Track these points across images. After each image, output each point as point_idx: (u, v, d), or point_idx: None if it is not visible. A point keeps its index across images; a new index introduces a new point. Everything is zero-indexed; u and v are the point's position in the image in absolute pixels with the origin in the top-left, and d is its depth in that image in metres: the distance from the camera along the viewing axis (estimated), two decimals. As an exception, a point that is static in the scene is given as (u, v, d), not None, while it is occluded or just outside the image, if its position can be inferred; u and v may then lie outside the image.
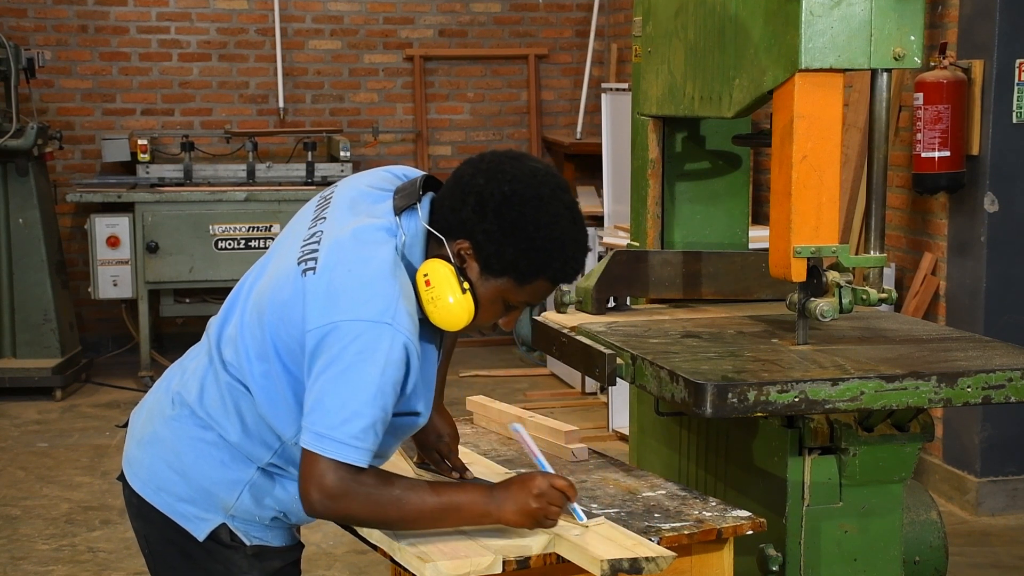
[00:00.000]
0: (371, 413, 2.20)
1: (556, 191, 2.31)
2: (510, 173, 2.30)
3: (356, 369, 2.20)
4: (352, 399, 2.20)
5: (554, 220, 2.29)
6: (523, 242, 2.27)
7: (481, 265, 2.31)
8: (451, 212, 2.32)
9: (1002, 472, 5.37)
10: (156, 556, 2.50)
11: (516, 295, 2.34)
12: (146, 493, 2.44)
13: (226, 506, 2.40)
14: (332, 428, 2.20)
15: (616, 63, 8.75)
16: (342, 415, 2.20)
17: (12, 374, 7.22)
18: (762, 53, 2.81)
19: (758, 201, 6.25)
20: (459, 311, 2.31)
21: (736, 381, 2.56)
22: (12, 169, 7.25)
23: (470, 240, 2.30)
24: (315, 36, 8.53)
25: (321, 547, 4.89)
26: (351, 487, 2.22)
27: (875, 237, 2.87)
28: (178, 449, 2.41)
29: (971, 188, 5.27)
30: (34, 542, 5.03)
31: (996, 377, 2.65)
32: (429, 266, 2.31)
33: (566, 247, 2.30)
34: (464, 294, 2.30)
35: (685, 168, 3.56)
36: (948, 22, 5.41)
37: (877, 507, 2.85)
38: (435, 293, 2.29)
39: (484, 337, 8.75)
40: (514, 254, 2.28)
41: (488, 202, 2.27)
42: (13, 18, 8.14)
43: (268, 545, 2.45)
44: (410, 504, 2.27)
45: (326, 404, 2.21)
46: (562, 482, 2.34)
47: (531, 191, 2.28)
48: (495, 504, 2.31)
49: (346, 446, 2.20)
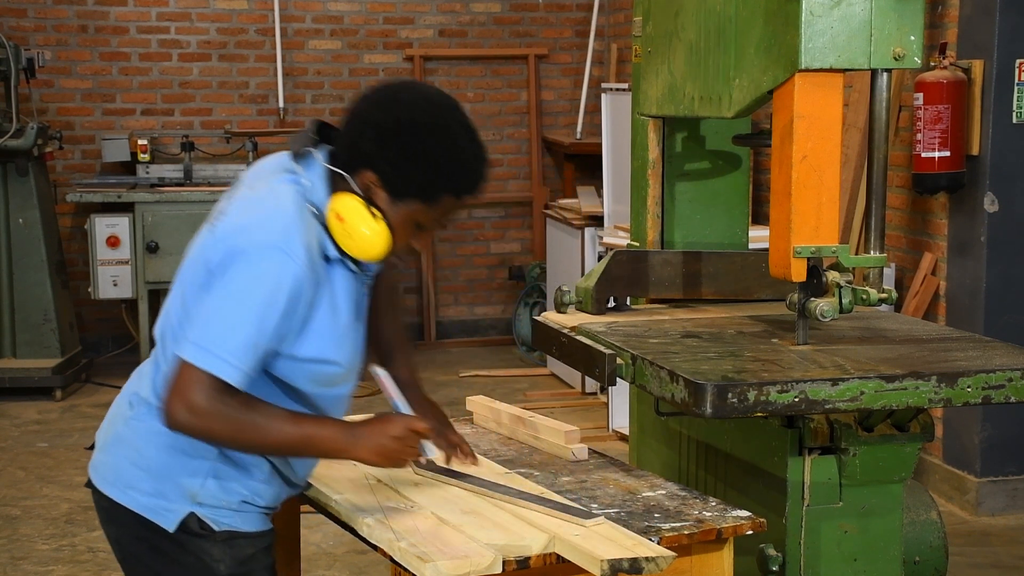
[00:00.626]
0: (251, 333, 2.28)
1: (451, 112, 2.42)
2: (404, 101, 2.40)
3: (243, 289, 2.29)
4: (234, 317, 2.28)
5: (452, 139, 2.39)
6: (426, 163, 2.37)
7: (389, 192, 2.40)
8: (351, 147, 2.41)
9: (1002, 472, 5.37)
10: (129, 558, 2.53)
11: (426, 215, 2.43)
12: (113, 493, 2.48)
13: (192, 494, 2.43)
14: (211, 342, 2.27)
15: (616, 63, 8.75)
16: (222, 330, 2.28)
17: (12, 374, 7.22)
18: (762, 53, 2.81)
19: (758, 201, 6.25)
20: (375, 238, 2.39)
21: (736, 381, 2.56)
22: (12, 169, 7.25)
23: (374, 170, 2.38)
24: (315, 36, 8.53)
25: (321, 547, 4.89)
26: (216, 406, 2.28)
27: (875, 237, 2.87)
28: (138, 445, 2.46)
29: (971, 188, 5.27)
30: (34, 542, 5.03)
31: (996, 377, 2.65)
32: (337, 202, 2.39)
33: (467, 162, 2.41)
34: (377, 221, 2.39)
35: (685, 168, 3.56)
36: (948, 22, 5.41)
37: (877, 507, 2.85)
38: (349, 227, 2.38)
39: (484, 338, 8.77)
40: (419, 176, 2.38)
41: (387, 131, 2.37)
42: (13, 18, 8.14)
43: (238, 530, 2.47)
44: (270, 431, 2.32)
45: (208, 318, 2.29)
46: (421, 425, 2.41)
47: (426, 115, 2.38)
48: (353, 441, 2.37)
49: (221, 360, 2.27)
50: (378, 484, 2.66)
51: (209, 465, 2.43)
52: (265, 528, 2.54)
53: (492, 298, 8.95)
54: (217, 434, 2.32)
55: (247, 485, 2.46)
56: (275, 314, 2.30)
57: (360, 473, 2.74)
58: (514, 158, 8.92)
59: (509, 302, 8.87)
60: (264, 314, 2.28)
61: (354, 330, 2.49)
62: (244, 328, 2.28)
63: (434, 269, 8.80)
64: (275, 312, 2.29)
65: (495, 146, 8.88)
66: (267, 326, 2.29)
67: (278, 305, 2.29)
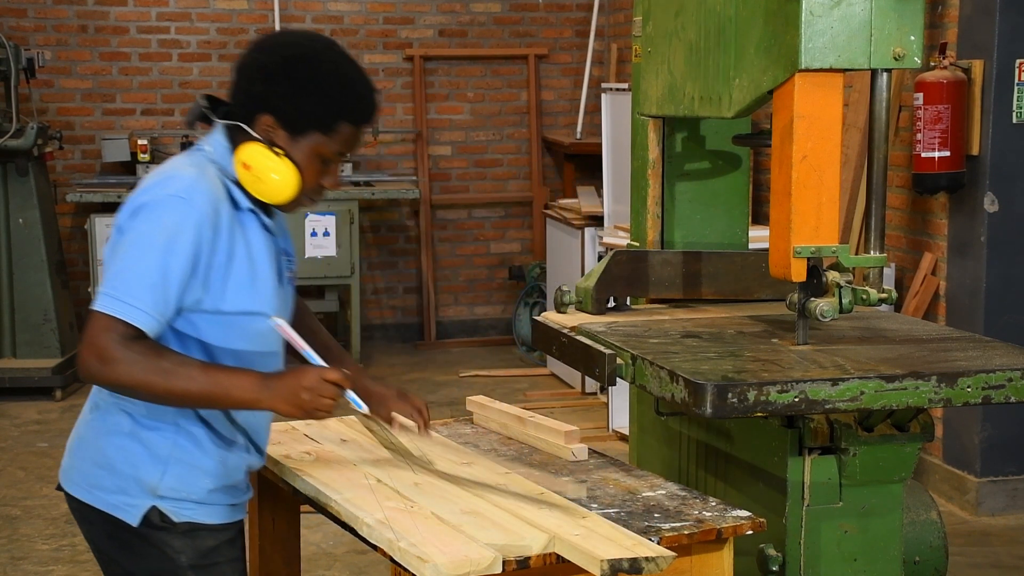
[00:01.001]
0: (155, 277, 2.33)
1: (329, 44, 2.52)
2: (283, 40, 2.53)
3: (144, 236, 2.36)
4: (138, 264, 2.34)
5: (336, 67, 2.47)
6: (316, 93, 2.44)
7: (288, 130, 2.46)
8: (243, 97, 2.48)
9: (1002, 472, 5.37)
10: (103, 557, 2.58)
11: (328, 147, 2.48)
12: (80, 494, 2.52)
13: (152, 488, 2.46)
14: (116, 289, 2.33)
15: (616, 63, 8.75)
16: (126, 278, 2.34)
17: (12, 374, 7.22)
18: (762, 53, 2.81)
19: (758, 201, 6.25)
20: (284, 178, 2.45)
21: (736, 381, 2.56)
22: (12, 169, 7.25)
23: (269, 111, 2.45)
24: (315, 36, 8.52)
25: (321, 547, 4.89)
26: (122, 352, 2.31)
27: (875, 237, 2.87)
28: (99, 444, 2.51)
29: (971, 188, 5.27)
30: (34, 542, 5.03)
31: (996, 377, 2.65)
32: (241, 152, 2.46)
33: (356, 87, 2.49)
34: (283, 160, 2.45)
35: (685, 168, 3.56)
36: (948, 22, 5.41)
37: (877, 507, 2.85)
38: (256, 172, 2.45)
39: (484, 338, 8.77)
40: (312, 106, 2.44)
41: (273, 70, 2.45)
42: (13, 18, 8.14)
43: (199, 523, 2.50)
44: (179, 377, 2.34)
45: (115, 270, 2.36)
46: (334, 374, 2.41)
47: (307, 49, 2.48)
48: (267, 392, 2.39)
49: (126, 305, 2.32)
50: (378, 484, 2.67)
51: (165, 456, 2.46)
52: (229, 520, 2.56)
53: (492, 298, 8.95)
54: (126, 381, 2.34)
55: (207, 469, 2.50)
56: (179, 259, 2.35)
57: (360, 473, 2.74)
58: (514, 158, 8.92)
59: (509, 302, 8.87)
60: (166, 259, 2.34)
61: (277, 285, 2.53)
62: (148, 274, 2.33)
63: (434, 269, 8.80)
64: (179, 257, 2.35)
65: (495, 146, 8.89)
66: (172, 270, 2.34)
67: (181, 249, 2.35)
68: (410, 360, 8.28)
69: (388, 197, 8.25)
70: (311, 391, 2.38)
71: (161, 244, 2.34)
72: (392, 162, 8.75)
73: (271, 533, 3.15)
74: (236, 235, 2.45)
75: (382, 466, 2.79)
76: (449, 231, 8.85)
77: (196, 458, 2.49)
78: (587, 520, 2.44)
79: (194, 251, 2.37)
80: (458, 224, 8.87)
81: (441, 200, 8.79)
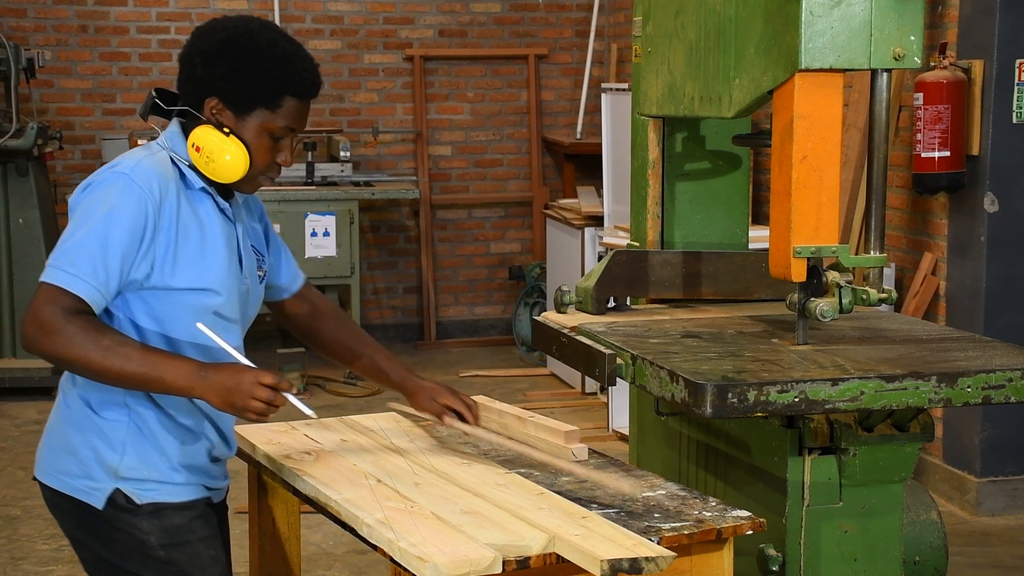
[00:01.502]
0: (96, 248, 2.37)
1: (265, 24, 2.57)
2: (219, 24, 2.56)
3: (88, 211, 2.42)
4: (81, 235, 2.39)
5: (272, 43, 2.52)
6: (256, 69, 2.49)
7: (233, 109, 2.52)
8: (188, 84, 2.55)
9: (1002, 472, 5.37)
10: (77, 544, 2.63)
11: (275, 122, 2.53)
12: (50, 480, 2.57)
13: (114, 470, 2.50)
14: (58, 259, 2.39)
15: (616, 63, 8.75)
16: (69, 248, 2.40)
17: (12, 374, 7.22)
18: (762, 53, 2.81)
19: (758, 201, 6.25)
20: (234, 157, 2.50)
21: (736, 381, 2.56)
22: (12, 169, 7.24)
23: (214, 94, 2.51)
24: (315, 36, 8.53)
25: (321, 547, 4.89)
26: (62, 325, 2.35)
27: (875, 237, 2.87)
28: (63, 430, 2.56)
29: (971, 188, 5.27)
30: (34, 542, 5.03)
31: (996, 377, 2.65)
32: (192, 136, 2.51)
33: (295, 61, 2.53)
34: (232, 140, 2.50)
35: (685, 168, 3.56)
36: (948, 22, 5.41)
37: (877, 507, 2.85)
38: (208, 153, 2.50)
39: (484, 338, 8.77)
40: (254, 83, 2.50)
41: (212, 53, 2.51)
42: (13, 18, 8.14)
43: (163, 502, 2.53)
44: (116, 357, 2.37)
45: (61, 244, 2.41)
46: (269, 378, 2.41)
47: (243, 30, 2.53)
48: (201, 382, 2.40)
49: (67, 274, 2.37)
50: (378, 484, 2.67)
51: (121, 439, 2.50)
52: (194, 498, 2.58)
53: (492, 298, 8.95)
54: (63, 355, 2.37)
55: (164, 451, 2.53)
56: (119, 230, 2.39)
57: (360, 473, 2.74)
58: (514, 158, 8.92)
59: (509, 302, 8.87)
60: (108, 230, 2.38)
61: (230, 266, 2.56)
62: (87, 244, 2.38)
63: (434, 269, 8.80)
64: (119, 228, 2.39)
65: (495, 146, 8.89)
66: (112, 242, 2.38)
67: (123, 222, 2.39)
68: (410, 360, 8.28)
69: (388, 197, 8.24)
70: (243, 392, 2.40)
71: (101, 216, 2.39)
72: (392, 162, 8.75)
73: (271, 533, 3.15)
74: (185, 211, 2.49)
75: (382, 466, 2.79)
76: (449, 231, 8.86)
77: (151, 439, 2.52)
78: (587, 520, 2.44)
79: (136, 224, 2.41)
80: (458, 224, 8.87)
81: (441, 200, 8.79)
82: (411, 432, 3.07)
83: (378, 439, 3.01)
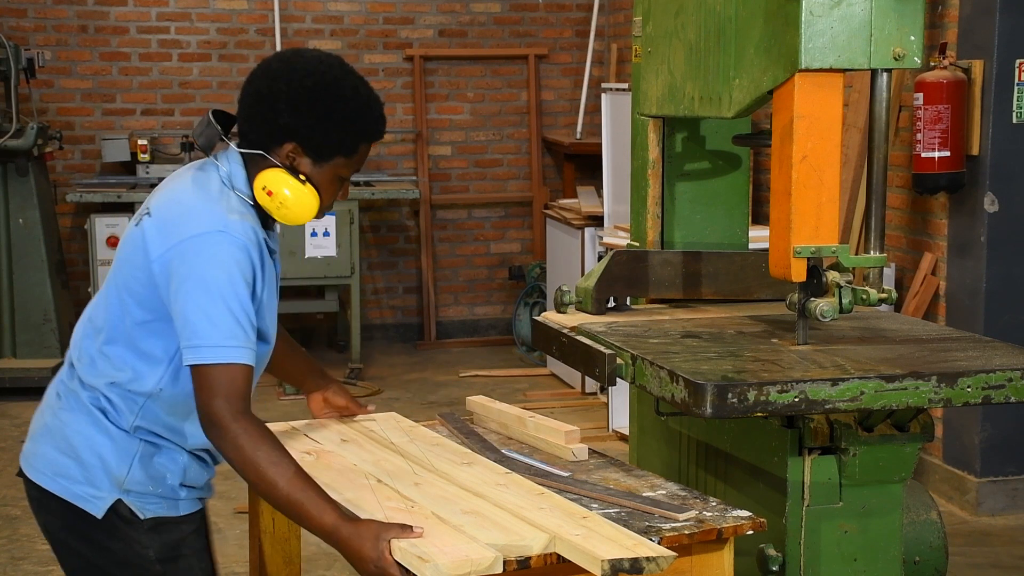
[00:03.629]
0: (233, 311, 2.34)
1: (342, 67, 2.54)
2: (302, 69, 2.49)
3: (205, 277, 2.37)
4: (211, 305, 2.34)
5: (355, 91, 2.51)
6: (341, 120, 2.49)
7: (313, 156, 2.51)
8: (264, 125, 2.49)
9: (1002, 472, 5.37)
10: (60, 545, 2.59)
11: (348, 167, 2.55)
12: (44, 481, 2.55)
13: (119, 481, 2.49)
14: (204, 337, 2.33)
15: (616, 63, 8.75)
16: (207, 321, 2.33)
17: (12, 374, 7.22)
18: (762, 53, 2.81)
19: (758, 201, 6.25)
20: (307, 203, 2.50)
21: (736, 381, 2.56)
22: (12, 169, 7.25)
23: (294, 140, 2.48)
24: (315, 36, 8.53)
25: (321, 547, 4.88)
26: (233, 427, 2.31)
27: (875, 237, 2.87)
28: (66, 434, 2.52)
29: (971, 188, 5.27)
30: (34, 542, 5.03)
31: (996, 377, 2.65)
32: (263, 178, 2.48)
33: (373, 108, 2.54)
34: (306, 186, 2.50)
35: (685, 168, 3.56)
36: (948, 22, 5.41)
37: (877, 507, 2.85)
38: (280, 198, 2.47)
39: (484, 338, 8.77)
40: (338, 134, 2.49)
41: (299, 102, 2.46)
42: (13, 18, 8.14)
43: (165, 517, 2.53)
44: (265, 477, 2.33)
45: (190, 318, 2.34)
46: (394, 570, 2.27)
47: (327, 76, 2.49)
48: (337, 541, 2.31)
49: (221, 348, 2.33)
50: (378, 484, 2.67)
51: (134, 451, 2.49)
52: (192, 511, 2.59)
53: (492, 298, 8.95)
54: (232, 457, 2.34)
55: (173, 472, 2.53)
56: (243, 288, 2.38)
57: (360, 473, 2.74)
58: (514, 158, 8.92)
59: (509, 302, 8.87)
60: (234, 289, 2.36)
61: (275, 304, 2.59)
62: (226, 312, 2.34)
63: (434, 269, 8.80)
64: (242, 285, 2.38)
65: (495, 146, 8.89)
66: (243, 301, 2.37)
67: (241, 278, 2.37)
68: (410, 360, 8.28)
69: (388, 197, 8.25)
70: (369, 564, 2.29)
71: (227, 281, 2.36)
72: (392, 162, 8.75)
73: (271, 533, 3.15)
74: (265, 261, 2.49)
75: (382, 466, 2.79)
76: (449, 231, 8.86)
77: (160, 458, 2.52)
78: (587, 520, 2.44)
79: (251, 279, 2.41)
80: (458, 224, 8.87)
81: (441, 200, 8.79)
82: (411, 432, 3.07)
83: (378, 439, 3.01)
